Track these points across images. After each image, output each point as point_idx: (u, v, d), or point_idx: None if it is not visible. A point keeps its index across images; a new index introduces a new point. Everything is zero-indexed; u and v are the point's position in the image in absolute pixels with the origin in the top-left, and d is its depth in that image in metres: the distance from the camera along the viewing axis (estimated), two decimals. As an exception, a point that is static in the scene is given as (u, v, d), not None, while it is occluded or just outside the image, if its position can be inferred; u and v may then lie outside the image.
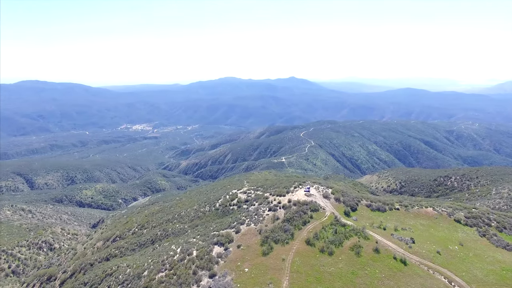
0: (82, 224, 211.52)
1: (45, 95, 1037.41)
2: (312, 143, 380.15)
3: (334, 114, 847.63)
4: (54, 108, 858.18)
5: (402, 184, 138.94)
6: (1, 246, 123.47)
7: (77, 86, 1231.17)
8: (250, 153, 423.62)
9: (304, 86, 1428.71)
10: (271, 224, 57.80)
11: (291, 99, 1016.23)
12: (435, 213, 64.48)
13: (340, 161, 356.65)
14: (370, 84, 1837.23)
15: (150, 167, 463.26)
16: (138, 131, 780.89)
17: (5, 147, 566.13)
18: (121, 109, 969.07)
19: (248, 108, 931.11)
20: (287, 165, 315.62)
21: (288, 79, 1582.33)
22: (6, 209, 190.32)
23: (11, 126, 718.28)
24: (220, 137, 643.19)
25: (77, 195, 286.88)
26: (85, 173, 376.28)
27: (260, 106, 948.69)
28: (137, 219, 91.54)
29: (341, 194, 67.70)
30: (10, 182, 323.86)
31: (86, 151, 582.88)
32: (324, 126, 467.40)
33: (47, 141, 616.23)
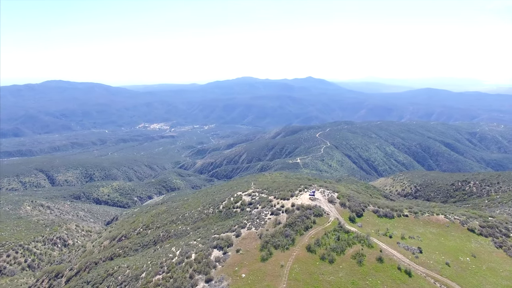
0: (97, 221, 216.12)
1: (67, 95, 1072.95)
2: (328, 144, 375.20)
3: (352, 114, 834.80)
4: (76, 107, 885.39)
5: (417, 188, 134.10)
6: (18, 240, 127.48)
7: (97, 85, 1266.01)
8: (265, 153, 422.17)
9: (321, 86, 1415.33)
10: (272, 228, 56.38)
11: (308, 99, 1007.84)
12: (446, 220, 61.23)
13: (356, 162, 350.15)
14: (389, 84, 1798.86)
15: (166, 165, 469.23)
16: (155, 130, 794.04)
17: (30, 145, 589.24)
18: (140, 108, 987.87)
19: (264, 108, 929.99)
20: (302, 166, 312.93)
21: (306, 79, 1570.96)
22: (27, 205, 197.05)
23: (36, 124, 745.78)
24: (236, 136, 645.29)
25: (94, 192, 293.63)
26: (103, 170, 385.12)
27: (277, 106, 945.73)
28: (143, 219, 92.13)
29: (347, 198, 65.44)
30: (33, 178, 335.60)
31: (105, 149, 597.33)
32: (340, 126, 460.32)
33: (69, 139, 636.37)
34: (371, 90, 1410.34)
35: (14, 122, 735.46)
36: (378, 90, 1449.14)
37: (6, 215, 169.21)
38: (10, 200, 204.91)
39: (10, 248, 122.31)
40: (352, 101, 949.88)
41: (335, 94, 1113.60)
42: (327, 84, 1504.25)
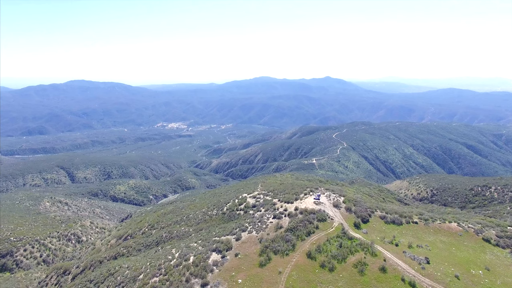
0: (113, 218, 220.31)
1: (89, 94, 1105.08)
2: (345, 144, 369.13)
3: (370, 115, 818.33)
4: (97, 106, 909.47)
5: (433, 192, 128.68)
6: (35, 235, 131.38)
7: (118, 85, 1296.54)
8: (281, 154, 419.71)
9: (339, 86, 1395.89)
10: (274, 232, 54.86)
11: (325, 99, 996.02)
12: (459, 229, 57.81)
13: (373, 164, 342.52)
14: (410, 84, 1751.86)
15: (182, 164, 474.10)
16: (173, 129, 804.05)
17: (53, 142, 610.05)
18: (158, 107, 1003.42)
19: (282, 107, 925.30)
20: (317, 167, 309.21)
21: (323, 79, 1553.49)
22: (46, 201, 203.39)
23: (60, 123, 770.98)
24: (253, 136, 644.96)
25: (111, 190, 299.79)
26: (120, 168, 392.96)
27: (294, 106, 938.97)
28: (150, 218, 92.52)
29: (353, 203, 63.01)
30: (54, 175, 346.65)
31: (124, 147, 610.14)
32: (358, 127, 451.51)
33: (89, 137, 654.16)
34: (391, 90, 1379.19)
35: (39, 120, 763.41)
36: (398, 90, 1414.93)
37: (26, 210, 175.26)
38: (31, 196, 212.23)
39: (27, 243, 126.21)
40: (371, 102, 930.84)
41: (353, 94, 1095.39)
42: (346, 84, 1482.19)
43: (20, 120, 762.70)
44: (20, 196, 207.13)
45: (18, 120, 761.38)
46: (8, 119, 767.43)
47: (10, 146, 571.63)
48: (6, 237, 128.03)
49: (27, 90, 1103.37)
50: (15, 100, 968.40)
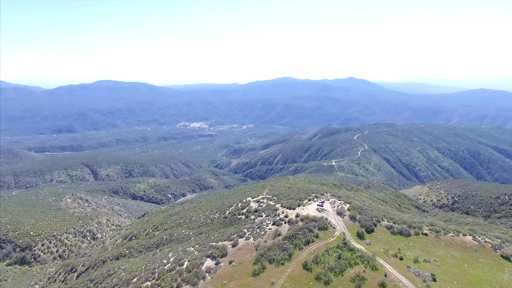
0: (131, 216, 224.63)
1: (115, 94, 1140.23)
2: (366, 146, 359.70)
3: (394, 116, 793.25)
4: (122, 105, 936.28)
5: (455, 199, 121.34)
6: (53, 231, 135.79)
7: (143, 85, 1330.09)
8: (300, 155, 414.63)
9: (363, 86, 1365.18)
10: (271, 240, 52.77)
11: (348, 100, 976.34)
12: (475, 243, 53.28)
13: (396, 167, 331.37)
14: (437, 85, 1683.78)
15: (202, 164, 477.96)
16: (195, 129, 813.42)
17: (80, 140, 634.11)
18: (181, 107, 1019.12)
19: (304, 108, 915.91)
20: (337, 169, 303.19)
21: (347, 80, 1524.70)
22: (68, 197, 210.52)
23: (87, 122, 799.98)
24: (274, 137, 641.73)
25: (131, 188, 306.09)
26: (141, 167, 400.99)
27: (316, 106, 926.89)
28: (155, 219, 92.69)
29: (358, 211, 59.70)
30: (79, 172, 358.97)
31: (146, 146, 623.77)
32: (380, 129, 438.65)
33: (114, 136, 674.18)
34: (416, 91, 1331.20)
35: (68, 119, 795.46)
36: (424, 91, 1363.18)
37: (48, 206, 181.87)
38: (55, 192, 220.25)
39: (45, 238, 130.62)
40: (395, 102, 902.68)
41: (377, 95, 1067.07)
42: (369, 84, 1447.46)
43: (51, 119, 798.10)
44: (44, 192, 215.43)
45: (49, 119, 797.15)
46: (41, 117, 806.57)
47: (42, 143, 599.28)
48: (27, 232, 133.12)
49: (58, 90, 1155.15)
50: (47, 100, 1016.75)
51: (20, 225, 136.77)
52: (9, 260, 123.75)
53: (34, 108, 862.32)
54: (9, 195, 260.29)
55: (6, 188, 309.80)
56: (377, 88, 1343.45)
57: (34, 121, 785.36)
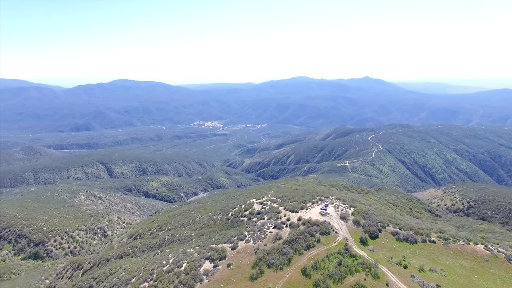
0: (143, 214, 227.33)
1: (131, 93, 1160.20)
2: (380, 147, 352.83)
3: (411, 117, 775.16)
4: (137, 104, 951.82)
5: (470, 204, 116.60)
6: (65, 227, 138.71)
7: (158, 84, 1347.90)
8: (314, 155, 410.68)
9: (378, 86, 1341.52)
10: (271, 244, 51.63)
11: (363, 100, 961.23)
12: (486, 253, 50.57)
13: (411, 169, 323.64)
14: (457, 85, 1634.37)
15: (215, 163, 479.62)
16: (209, 128, 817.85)
17: (97, 138, 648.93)
18: (196, 106, 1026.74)
19: (318, 108, 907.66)
20: (350, 170, 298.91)
21: (362, 79, 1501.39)
22: (82, 194, 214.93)
23: (104, 120, 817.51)
24: (287, 137, 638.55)
25: (144, 186, 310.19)
26: (155, 165, 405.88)
27: (331, 106, 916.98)
28: (161, 219, 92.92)
29: (362, 216, 57.74)
30: (94, 170, 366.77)
31: (161, 144, 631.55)
32: (395, 130, 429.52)
33: (130, 134, 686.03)
34: (434, 91, 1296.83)
35: (86, 117, 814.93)
36: (443, 91, 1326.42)
37: (62, 202, 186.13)
38: (69, 189, 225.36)
39: (57, 234, 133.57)
40: (412, 103, 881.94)
41: (393, 95, 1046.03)
42: (385, 84, 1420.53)
43: (70, 117, 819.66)
44: (60, 189, 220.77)
45: (68, 117, 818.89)
46: (60, 115, 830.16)
47: (60, 141, 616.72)
48: (40, 227, 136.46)
49: (77, 89, 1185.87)
50: (67, 98, 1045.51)
51: (34, 221, 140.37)
52: (24, 254, 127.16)
53: (54, 107, 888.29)
54: (28, 190, 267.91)
55: (26, 184, 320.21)
56: (393, 88, 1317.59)
57: (54, 119, 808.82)
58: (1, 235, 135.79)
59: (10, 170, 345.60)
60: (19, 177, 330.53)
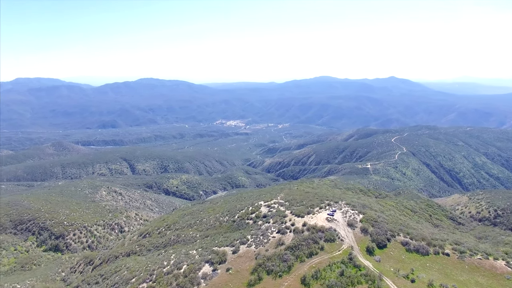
0: (162, 211, 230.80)
1: (156, 91, 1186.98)
2: (404, 149, 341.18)
3: (438, 118, 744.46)
4: (162, 102, 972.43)
5: (498, 212, 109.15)
6: (84, 222, 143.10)
7: (182, 83, 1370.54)
8: (335, 156, 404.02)
9: (404, 86, 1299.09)
10: (273, 249, 50.05)
11: (388, 101, 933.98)
12: (508, 270, 46.43)
13: (436, 172, 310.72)
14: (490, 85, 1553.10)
15: (236, 162, 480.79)
16: (231, 127, 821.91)
17: (122, 135, 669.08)
18: (218, 105, 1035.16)
19: (341, 108, 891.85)
20: (371, 172, 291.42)
21: (387, 79, 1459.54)
22: (103, 190, 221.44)
23: (129, 118, 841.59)
24: (309, 137, 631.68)
25: (165, 183, 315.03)
26: (176, 163, 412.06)
27: (354, 106, 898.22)
28: (171, 218, 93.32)
29: (370, 223, 54.87)
30: (118, 166, 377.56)
31: (183, 142, 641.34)
32: (421, 131, 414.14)
33: (153, 132, 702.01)
34: (465, 91, 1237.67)
35: (112, 115, 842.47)
36: (474, 91, 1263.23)
37: (84, 197, 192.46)
38: (92, 184, 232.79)
39: (76, 228, 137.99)
40: (440, 104, 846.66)
41: (420, 96, 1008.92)
42: (412, 84, 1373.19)
43: (97, 114, 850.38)
44: (83, 184, 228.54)
45: (96, 114, 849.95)
46: (88, 113, 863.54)
47: (88, 137, 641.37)
48: (61, 221, 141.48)
49: (104, 87, 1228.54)
50: (95, 96, 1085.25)
51: (56, 215, 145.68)
52: (45, 246, 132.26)
53: (83, 105, 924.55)
54: (55, 184, 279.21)
55: (55, 178, 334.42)
56: (420, 88, 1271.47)
57: (82, 116, 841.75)
58: (27, 226, 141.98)
59: (41, 165, 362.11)
60: (48, 172, 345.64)
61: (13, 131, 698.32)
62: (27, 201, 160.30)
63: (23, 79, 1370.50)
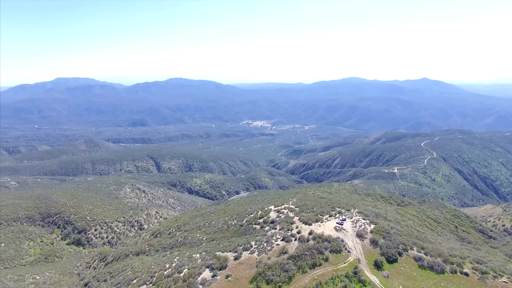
0: (184, 209, 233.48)
1: (184, 91, 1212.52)
2: (434, 154, 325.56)
3: (474, 122, 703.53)
4: (189, 102, 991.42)
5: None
6: (106, 218, 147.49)
7: (210, 83, 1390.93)
8: (360, 159, 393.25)
9: (437, 88, 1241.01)
10: (275, 257, 48.02)
11: (420, 103, 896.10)
12: (535, 293, 41.56)
13: (469, 179, 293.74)
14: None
15: (260, 163, 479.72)
16: (257, 127, 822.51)
17: (151, 134, 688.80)
18: (245, 105, 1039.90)
19: (369, 110, 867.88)
20: (398, 177, 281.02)
21: (419, 81, 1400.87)
22: (127, 187, 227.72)
23: (158, 117, 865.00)
24: (335, 139, 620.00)
25: (188, 182, 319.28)
26: (201, 162, 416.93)
27: (383, 109, 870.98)
28: (183, 218, 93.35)
29: (381, 235, 51.26)
30: (144, 164, 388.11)
31: (209, 142, 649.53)
32: (453, 136, 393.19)
33: (180, 131, 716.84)
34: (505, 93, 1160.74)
35: (142, 113, 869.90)
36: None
37: (108, 194, 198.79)
38: (117, 181, 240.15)
39: (97, 224, 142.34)
40: (476, 107, 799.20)
41: (454, 98, 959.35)
42: (446, 86, 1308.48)
43: (128, 113, 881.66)
44: (109, 180, 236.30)
45: (126, 113, 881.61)
46: (119, 111, 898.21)
47: (118, 135, 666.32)
48: (84, 216, 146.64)
49: (135, 87, 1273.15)
50: (126, 96, 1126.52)
51: (80, 210, 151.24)
52: (68, 240, 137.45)
53: (115, 103, 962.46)
54: (85, 180, 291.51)
55: (85, 173, 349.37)
56: (454, 90, 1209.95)
57: (114, 114, 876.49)
58: (53, 220, 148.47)
59: (74, 160, 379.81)
60: (80, 167, 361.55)
61: (52, 128, 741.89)
62: (55, 195, 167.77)
63: (62, 79, 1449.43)
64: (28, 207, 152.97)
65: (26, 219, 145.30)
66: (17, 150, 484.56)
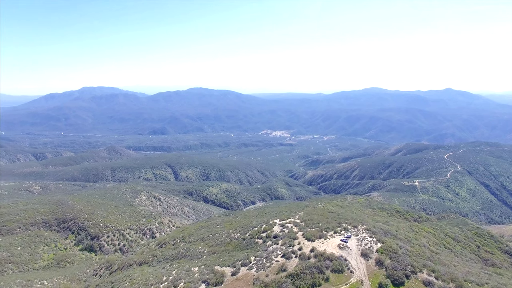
0: (199, 218, 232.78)
1: (204, 100, 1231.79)
2: (458, 167, 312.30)
3: (503, 134, 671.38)
4: (209, 111, 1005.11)
5: None
6: (118, 225, 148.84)
7: (230, 93, 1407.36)
8: (380, 171, 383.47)
9: (463, 99, 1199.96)
10: (273, 275, 45.62)
11: (443, 114, 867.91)
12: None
13: (497, 194, 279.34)
14: None
15: (277, 173, 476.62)
16: (276, 137, 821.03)
17: (170, 142, 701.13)
18: (264, 115, 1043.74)
19: (390, 121, 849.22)
20: (419, 190, 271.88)
21: (443, 91, 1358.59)
22: (143, 195, 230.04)
23: (178, 125, 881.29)
24: (355, 150, 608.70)
25: (204, 191, 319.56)
26: (218, 171, 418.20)
27: (405, 120, 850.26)
28: (189, 229, 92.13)
29: (388, 255, 47.80)
30: (162, 172, 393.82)
31: (227, 151, 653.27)
32: (479, 148, 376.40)
33: (200, 140, 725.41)
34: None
35: (162, 122, 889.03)
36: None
37: (123, 201, 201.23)
38: (134, 188, 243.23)
39: (110, 231, 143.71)
40: (505, 118, 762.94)
41: (481, 109, 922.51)
42: (471, 97, 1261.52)
43: (149, 121, 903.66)
44: (125, 188, 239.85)
45: (147, 121, 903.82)
46: (141, 120, 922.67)
47: (139, 143, 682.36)
48: (97, 223, 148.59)
49: (157, 96, 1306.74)
50: (148, 104, 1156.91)
51: (94, 216, 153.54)
52: (81, 246, 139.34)
53: (137, 112, 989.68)
54: (104, 186, 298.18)
55: (105, 180, 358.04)
56: (481, 101, 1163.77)
57: (135, 123, 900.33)
58: (68, 225, 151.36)
59: (95, 167, 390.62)
60: (100, 174, 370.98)
61: (77, 135, 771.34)
62: (72, 201, 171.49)
63: (88, 88, 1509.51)
64: (45, 212, 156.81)
65: (43, 224, 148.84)
66: (44, 156, 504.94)
